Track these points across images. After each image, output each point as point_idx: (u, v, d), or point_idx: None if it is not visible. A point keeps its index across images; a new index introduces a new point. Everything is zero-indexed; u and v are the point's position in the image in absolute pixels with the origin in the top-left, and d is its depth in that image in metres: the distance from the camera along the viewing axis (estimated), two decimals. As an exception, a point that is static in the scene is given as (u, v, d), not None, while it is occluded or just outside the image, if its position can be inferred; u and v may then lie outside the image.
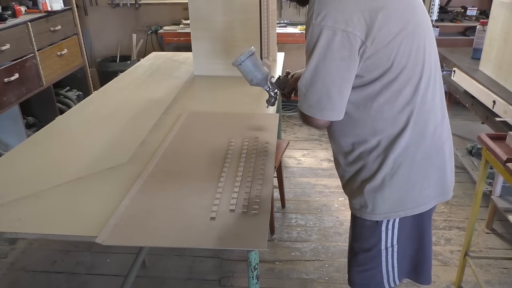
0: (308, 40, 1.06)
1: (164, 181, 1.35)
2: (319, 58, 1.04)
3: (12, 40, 2.95)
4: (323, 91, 1.07)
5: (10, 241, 2.42)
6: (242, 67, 1.43)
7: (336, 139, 1.22)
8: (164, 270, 2.20)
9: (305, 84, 1.09)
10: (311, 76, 1.07)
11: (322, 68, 1.05)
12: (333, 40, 1.01)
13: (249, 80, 1.45)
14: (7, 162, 1.52)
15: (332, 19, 1.00)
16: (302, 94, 1.11)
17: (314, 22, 1.02)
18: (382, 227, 1.21)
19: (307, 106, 1.11)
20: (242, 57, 1.41)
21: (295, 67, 1.57)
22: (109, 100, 2.10)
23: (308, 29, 1.05)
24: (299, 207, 2.69)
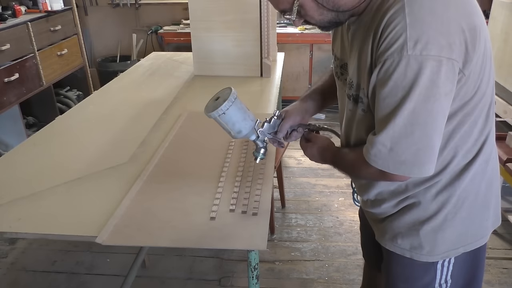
0: (396, 77, 0.80)
1: (164, 181, 1.35)
2: (418, 99, 0.80)
3: (12, 40, 2.95)
4: (424, 142, 0.84)
5: (10, 241, 2.42)
6: (226, 117, 1.04)
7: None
8: (164, 270, 2.20)
9: (394, 136, 0.84)
10: (405, 124, 0.82)
11: (423, 112, 0.81)
12: (439, 73, 0.79)
13: (236, 133, 1.08)
14: (7, 162, 1.52)
15: (437, 46, 0.77)
16: (386, 150, 0.86)
17: (412, 53, 0.77)
18: (437, 265, 1.06)
19: (396, 164, 0.86)
20: (226, 104, 1.02)
21: (295, 67, 1.55)
22: (109, 100, 2.10)
23: (397, 63, 0.79)
24: (299, 207, 2.69)
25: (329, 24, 0.95)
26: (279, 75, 2.42)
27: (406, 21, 0.78)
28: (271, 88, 2.17)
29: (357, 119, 1.00)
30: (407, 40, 0.78)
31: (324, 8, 0.90)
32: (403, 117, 0.82)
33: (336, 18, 0.93)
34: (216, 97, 1.08)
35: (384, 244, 1.12)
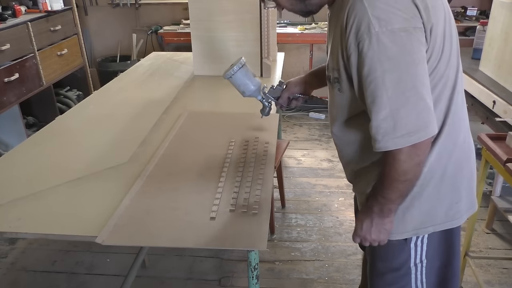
0: (371, 55, 0.87)
1: (164, 181, 1.35)
2: (400, 68, 0.87)
3: (12, 40, 2.95)
4: (420, 105, 0.88)
5: (10, 241, 2.42)
6: (233, 79, 1.36)
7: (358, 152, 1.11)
8: (164, 270, 2.20)
9: (392, 110, 0.88)
10: (397, 94, 0.87)
11: (410, 77, 0.87)
12: (410, 41, 0.87)
13: (242, 92, 1.39)
14: (7, 162, 1.52)
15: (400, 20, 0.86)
16: (391, 128, 0.89)
17: (378, 29, 0.86)
18: (411, 244, 1.12)
19: (404, 136, 0.89)
20: (233, 69, 1.34)
21: (295, 67, 1.57)
22: (109, 100, 2.10)
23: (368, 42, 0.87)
24: (299, 207, 2.69)
25: (301, 12, 1.08)
26: (279, 75, 2.42)
27: (364, 4, 0.87)
28: (271, 88, 2.17)
29: (335, 98, 1.09)
30: (371, 20, 0.86)
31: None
32: (392, 88, 0.88)
33: (305, 8, 1.06)
34: (232, 64, 1.36)
35: None
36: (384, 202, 1.02)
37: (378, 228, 1.07)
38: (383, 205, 1.03)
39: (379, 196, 1.02)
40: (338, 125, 1.13)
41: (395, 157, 0.93)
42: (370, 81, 0.89)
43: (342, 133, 1.13)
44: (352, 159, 1.15)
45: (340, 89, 1.04)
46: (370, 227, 1.07)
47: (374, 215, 1.05)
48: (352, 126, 1.10)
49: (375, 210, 1.05)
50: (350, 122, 1.09)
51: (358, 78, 0.94)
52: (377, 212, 1.05)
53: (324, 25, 3.87)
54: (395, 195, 1.00)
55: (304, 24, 3.95)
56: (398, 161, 0.93)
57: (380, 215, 1.05)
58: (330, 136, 3.59)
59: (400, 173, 0.95)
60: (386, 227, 1.07)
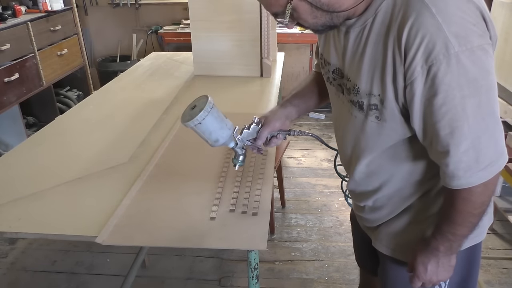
0: (450, 79, 0.76)
1: (164, 181, 1.35)
2: (481, 92, 0.78)
3: (12, 40, 2.95)
4: (498, 130, 0.81)
5: (10, 241, 2.42)
6: (203, 126, 1.03)
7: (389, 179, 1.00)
8: (164, 270, 2.20)
9: (473, 140, 0.79)
10: (478, 121, 0.78)
11: (489, 101, 0.79)
12: (488, 59, 0.78)
13: (213, 141, 1.07)
14: (7, 162, 1.52)
15: (476, 36, 0.76)
16: (472, 160, 0.80)
17: (458, 49, 0.74)
18: None
19: (487, 168, 0.81)
20: (202, 114, 1.00)
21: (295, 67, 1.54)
22: (109, 100, 2.10)
23: (446, 64, 0.75)
24: (299, 207, 2.69)
25: (323, 27, 0.90)
26: (279, 75, 2.42)
27: (437, 20, 0.75)
28: (271, 88, 2.17)
29: (368, 127, 0.94)
30: (449, 38, 0.74)
31: (318, 11, 0.85)
32: (473, 116, 0.78)
33: (330, 21, 0.88)
34: (193, 106, 1.06)
35: (380, 249, 1.11)
36: (455, 239, 0.93)
37: (444, 267, 0.97)
38: (453, 242, 0.93)
39: (448, 234, 0.92)
40: (370, 158, 0.99)
41: (471, 191, 0.84)
42: (447, 111, 0.78)
43: (372, 165, 1.01)
44: (379, 187, 1.04)
45: (379, 117, 0.90)
46: (436, 269, 0.97)
47: (441, 254, 0.95)
48: (389, 155, 0.98)
49: (442, 249, 0.94)
50: (388, 152, 0.97)
51: (424, 107, 0.81)
52: (444, 252, 0.95)
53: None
54: (468, 230, 0.91)
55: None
56: (476, 194, 0.84)
57: (447, 254, 0.96)
58: (330, 136, 3.59)
59: (477, 206, 0.87)
60: (452, 263, 0.98)
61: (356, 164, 1.03)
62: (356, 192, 1.12)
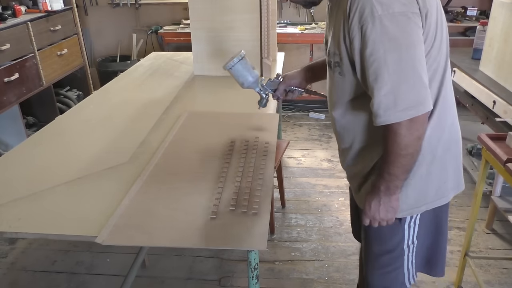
0: (374, 36, 0.94)
1: (164, 181, 1.35)
2: (400, 48, 0.94)
3: (12, 40, 2.95)
4: (418, 82, 0.96)
5: (10, 241, 2.42)
6: (233, 71, 1.44)
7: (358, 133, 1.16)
8: (164, 270, 2.20)
9: (393, 86, 0.95)
10: (398, 71, 0.95)
11: (409, 57, 0.95)
12: (409, 24, 0.94)
13: (241, 83, 1.47)
14: (7, 162, 1.52)
15: (399, 4, 0.93)
16: (391, 102, 0.96)
17: (381, 13, 0.93)
18: (405, 225, 1.18)
19: (404, 110, 0.96)
20: (233, 61, 1.42)
21: (295, 67, 1.56)
22: (109, 100, 2.10)
23: (371, 24, 0.94)
24: (299, 207, 2.69)
25: (305, 3, 1.18)
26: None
27: None
28: (271, 88, 2.17)
29: (335, 82, 1.14)
30: (374, 4, 0.93)
31: None
32: (393, 66, 0.94)
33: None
34: (232, 56, 1.44)
35: (361, 207, 1.20)
36: (390, 179, 1.06)
37: (385, 207, 1.11)
38: (389, 182, 1.07)
39: (384, 173, 1.06)
40: (339, 109, 1.17)
41: (396, 131, 0.99)
42: (373, 61, 0.96)
43: (342, 116, 1.17)
44: (351, 143, 1.19)
45: (340, 73, 1.09)
46: (378, 206, 1.11)
47: (381, 193, 1.09)
48: (353, 108, 1.14)
49: (382, 188, 1.08)
50: (351, 105, 1.14)
51: (360, 59, 1.00)
52: (383, 191, 1.09)
53: (324, 25, 3.87)
54: (400, 170, 1.04)
55: (304, 24, 3.95)
56: (399, 135, 0.99)
57: (386, 193, 1.09)
58: (330, 136, 3.60)
59: (402, 147, 1.00)
60: (393, 205, 1.11)
61: (333, 118, 1.21)
62: (340, 150, 1.28)
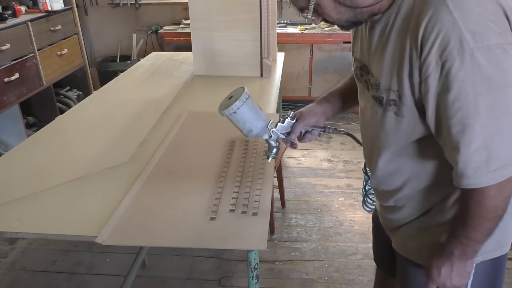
0: (463, 76, 0.75)
1: (164, 181, 1.35)
2: (495, 90, 0.76)
3: (12, 40, 2.95)
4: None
5: (10, 241, 2.42)
6: (237, 116, 1.07)
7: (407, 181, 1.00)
8: (164, 270, 2.20)
9: (485, 139, 0.78)
10: (492, 120, 0.77)
11: (505, 101, 0.77)
12: (507, 58, 0.76)
13: (247, 131, 1.11)
14: (7, 162, 1.52)
15: (495, 34, 0.75)
16: (483, 159, 0.79)
17: (473, 46, 0.74)
18: None
19: (498, 170, 0.79)
20: (237, 103, 1.05)
21: (295, 67, 1.54)
22: (109, 100, 2.10)
23: (460, 60, 0.75)
24: (299, 207, 2.69)
25: (347, 23, 0.91)
26: (279, 75, 2.42)
27: (454, 16, 0.75)
28: (271, 88, 2.17)
29: (386, 123, 0.95)
30: (464, 34, 0.74)
31: (341, 6, 0.86)
32: (486, 114, 0.76)
33: (354, 17, 0.88)
34: (230, 96, 1.11)
35: (399, 251, 1.11)
36: (469, 243, 0.91)
37: (459, 272, 0.96)
38: (468, 247, 0.91)
39: (462, 238, 0.91)
40: (389, 154, 1.00)
41: (484, 193, 0.82)
42: (459, 108, 0.77)
43: (392, 162, 1.01)
44: (400, 187, 1.04)
45: (397, 113, 0.91)
46: (450, 273, 0.96)
47: (455, 258, 0.94)
48: (409, 153, 0.97)
49: (456, 253, 0.93)
50: (407, 149, 0.97)
51: (437, 103, 0.81)
52: (458, 256, 0.93)
53: (324, 25, 3.87)
54: (482, 235, 0.89)
55: (304, 24, 3.95)
56: (488, 198, 0.83)
57: (462, 258, 0.94)
58: (330, 136, 3.59)
59: (490, 210, 0.85)
60: (468, 269, 0.97)
61: (377, 161, 1.03)
62: (378, 190, 1.13)
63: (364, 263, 2.20)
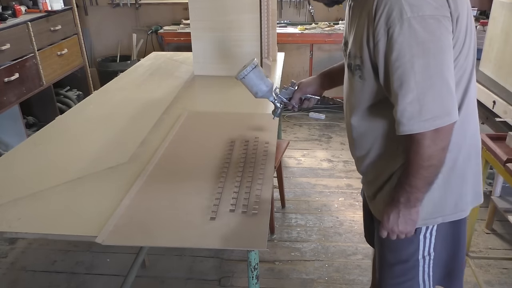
0: (401, 40, 0.89)
1: (164, 181, 1.35)
2: (428, 53, 0.89)
3: (12, 40, 2.95)
4: (445, 90, 0.91)
5: (10, 241, 2.42)
6: (246, 80, 1.37)
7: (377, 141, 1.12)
8: (164, 270, 2.20)
9: (418, 93, 0.90)
10: (424, 78, 0.89)
11: (436, 63, 0.90)
12: (440, 28, 0.89)
13: (254, 93, 1.40)
14: (7, 162, 1.52)
15: (430, 7, 0.88)
16: (416, 110, 0.91)
17: (410, 15, 0.87)
18: (420, 236, 1.13)
19: (429, 120, 0.91)
20: (245, 70, 1.34)
21: (295, 67, 1.57)
22: (109, 100, 2.10)
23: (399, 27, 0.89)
24: (299, 207, 2.69)
25: (328, 0, 1.11)
26: (279, 75, 2.42)
27: None
28: (271, 88, 2.17)
29: (355, 86, 1.09)
30: (404, 6, 0.88)
31: None
32: (420, 73, 0.89)
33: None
34: (244, 65, 1.37)
35: (376, 215, 1.20)
36: (411, 190, 1.02)
37: (405, 219, 1.06)
38: (410, 194, 1.02)
39: (405, 185, 1.02)
40: (358, 114, 1.12)
41: (419, 142, 0.94)
42: (398, 66, 0.91)
43: (360, 123, 1.13)
44: (368, 150, 1.15)
45: (361, 76, 1.05)
46: (397, 219, 1.07)
47: (401, 205, 1.05)
48: (371, 115, 1.10)
49: (402, 200, 1.04)
50: (370, 111, 1.09)
51: (384, 63, 0.95)
52: (403, 203, 1.04)
53: (324, 25, 3.88)
54: (422, 183, 1.00)
55: (304, 24, 3.95)
56: (423, 146, 0.95)
57: (407, 206, 1.05)
58: (330, 136, 3.59)
59: (425, 158, 0.96)
60: (413, 217, 1.06)
61: (349, 124, 1.16)
62: (355, 158, 1.24)
63: (364, 263, 2.20)
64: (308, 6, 4.07)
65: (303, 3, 4.11)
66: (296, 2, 4.11)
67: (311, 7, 4.06)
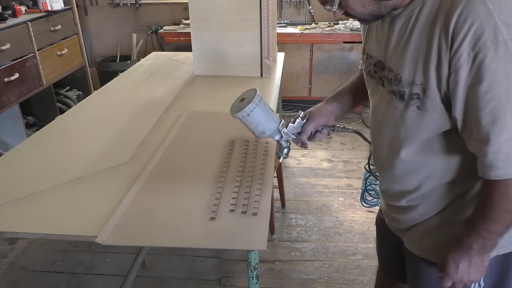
0: (496, 66, 0.76)
1: (164, 181, 1.35)
2: None
3: (12, 40, 2.95)
4: None
5: (10, 241, 2.42)
6: (250, 118, 1.07)
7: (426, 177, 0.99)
8: (164, 270, 2.20)
9: None
10: None
11: None
12: None
13: (260, 133, 1.12)
14: (7, 162, 1.52)
15: None
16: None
17: (508, 36, 0.74)
18: None
19: None
20: (250, 106, 1.05)
21: (295, 67, 1.55)
22: (109, 100, 2.10)
23: (493, 51, 0.75)
24: (299, 207, 2.69)
25: (370, 16, 0.91)
26: (279, 75, 2.42)
27: (488, 7, 0.75)
28: (271, 88, 2.17)
29: (407, 117, 0.93)
30: (498, 25, 0.74)
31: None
32: None
33: (378, 10, 0.89)
34: (242, 98, 1.10)
35: (412, 250, 1.09)
36: (489, 236, 0.90)
37: (477, 267, 0.94)
38: (488, 240, 0.91)
39: (482, 231, 0.89)
40: (410, 148, 0.97)
41: (508, 184, 0.82)
42: (491, 98, 0.78)
43: (414, 157, 0.98)
44: (418, 185, 1.02)
45: (420, 107, 0.90)
46: (468, 267, 0.94)
47: (474, 253, 0.93)
48: (429, 148, 0.96)
49: (475, 247, 0.92)
50: (429, 144, 0.95)
51: (466, 95, 0.81)
52: (477, 250, 0.92)
53: (324, 25, 3.87)
54: (503, 228, 0.89)
55: (304, 24, 3.95)
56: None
57: (480, 252, 0.93)
58: (330, 136, 3.59)
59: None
60: (485, 263, 0.95)
61: (394, 160, 1.01)
62: (389, 192, 1.11)
63: (364, 263, 2.20)
64: (308, 6, 4.07)
65: (303, 3, 4.11)
66: (296, 2, 4.11)
67: (311, 7, 4.07)
